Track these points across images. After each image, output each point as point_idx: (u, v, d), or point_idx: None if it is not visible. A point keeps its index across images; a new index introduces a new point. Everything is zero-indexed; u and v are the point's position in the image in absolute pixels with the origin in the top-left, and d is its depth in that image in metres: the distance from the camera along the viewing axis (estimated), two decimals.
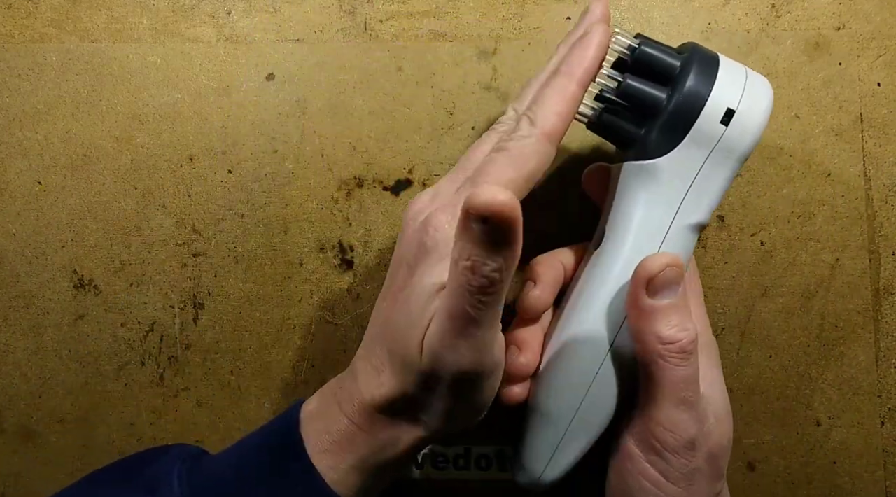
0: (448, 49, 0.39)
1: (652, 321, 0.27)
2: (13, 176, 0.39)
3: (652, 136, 0.29)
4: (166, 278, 0.39)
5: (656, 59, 0.29)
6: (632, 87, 0.29)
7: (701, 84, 0.28)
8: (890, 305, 0.38)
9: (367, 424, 0.28)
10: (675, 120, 0.28)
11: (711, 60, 0.29)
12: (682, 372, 0.27)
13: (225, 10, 0.40)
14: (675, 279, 0.27)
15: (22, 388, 0.39)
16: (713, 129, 0.28)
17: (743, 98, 0.28)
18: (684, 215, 0.29)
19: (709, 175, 0.29)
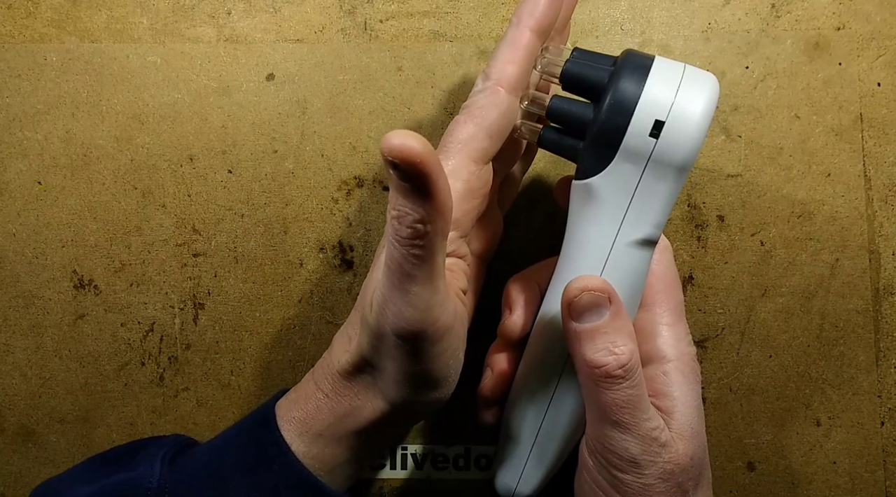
0: (448, 49, 0.39)
1: (578, 345, 0.27)
2: (13, 176, 0.39)
3: (585, 155, 0.28)
4: (166, 278, 0.39)
5: (584, 74, 0.28)
6: (556, 106, 0.28)
7: (626, 97, 0.27)
8: (890, 305, 0.38)
9: (332, 391, 0.29)
10: (602, 138, 0.27)
11: (641, 68, 0.27)
12: (614, 396, 0.27)
13: (225, 10, 0.40)
14: (595, 302, 0.27)
15: (22, 387, 0.39)
16: (643, 144, 0.27)
17: (674, 107, 0.26)
18: (627, 233, 0.28)
19: (648, 190, 0.27)
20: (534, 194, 0.39)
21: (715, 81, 0.28)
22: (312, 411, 0.29)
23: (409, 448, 0.39)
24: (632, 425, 0.27)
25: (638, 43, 0.39)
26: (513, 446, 0.32)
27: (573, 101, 0.28)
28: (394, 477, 0.39)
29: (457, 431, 0.39)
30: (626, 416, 0.27)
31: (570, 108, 0.28)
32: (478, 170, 0.29)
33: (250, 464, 0.29)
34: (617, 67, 0.28)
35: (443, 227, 0.24)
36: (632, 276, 0.29)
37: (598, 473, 0.29)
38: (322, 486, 0.29)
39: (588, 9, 0.39)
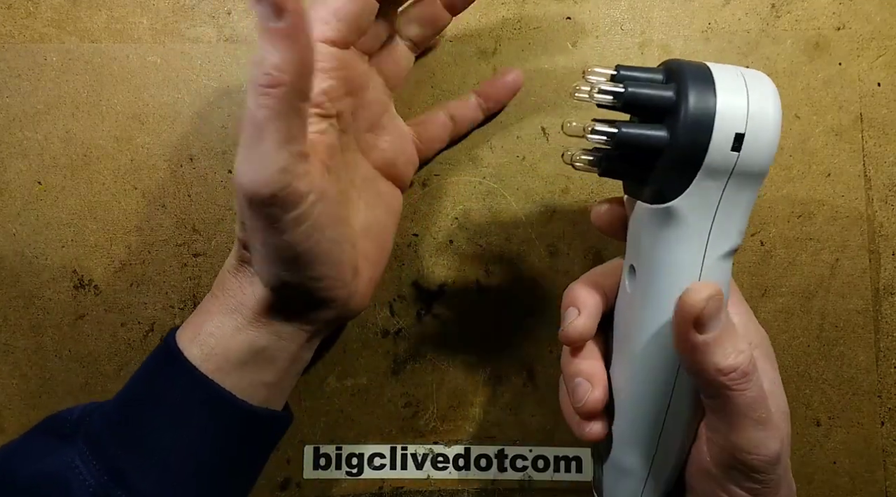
0: (448, 49, 0.39)
1: (708, 356, 0.26)
2: (13, 176, 0.39)
3: (661, 180, 0.27)
4: (166, 278, 0.39)
5: (650, 96, 0.26)
6: (627, 136, 0.26)
7: (702, 114, 0.25)
8: (890, 305, 0.38)
9: (219, 289, 0.31)
10: (682, 160, 0.26)
11: (705, 80, 0.26)
12: (751, 394, 0.26)
13: (225, 10, 0.40)
14: (720, 307, 0.26)
15: (22, 388, 0.39)
16: (726, 159, 0.26)
17: (750, 115, 0.25)
18: (714, 248, 0.27)
19: (731, 202, 0.26)
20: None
21: (771, 81, 0.27)
22: (204, 315, 0.31)
23: (410, 448, 0.39)
24: (770, 419, 0.27)
25: (638, 43, 0.39)
26: (623, 483, 0.30)
27: (642, 126, 0.26)
28: (394, 477, 0.39)
29: (457, 432, 0.39)
30: (762, 411, 0.26)
31: (642, 134, 0.26)
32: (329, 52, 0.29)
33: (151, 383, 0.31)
34: (680, 82, 0.26)
35: (301, 84, 0.25)
36: (723, 287, 0.28)
37: (735, 486, 0.28)
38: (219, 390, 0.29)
39: (588, 8, 0.39)
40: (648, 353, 0.29)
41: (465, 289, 0.39)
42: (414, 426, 0.39)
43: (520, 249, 0.39)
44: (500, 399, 0.39)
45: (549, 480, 0.39)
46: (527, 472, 0.39)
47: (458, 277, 0.39)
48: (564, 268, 0.39)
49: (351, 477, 0.39)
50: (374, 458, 0.39)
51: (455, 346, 0.39)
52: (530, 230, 0.39)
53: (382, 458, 0.39)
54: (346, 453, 0.39)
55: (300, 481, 0.39)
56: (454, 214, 0.39)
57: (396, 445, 0.39)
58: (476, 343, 0.39)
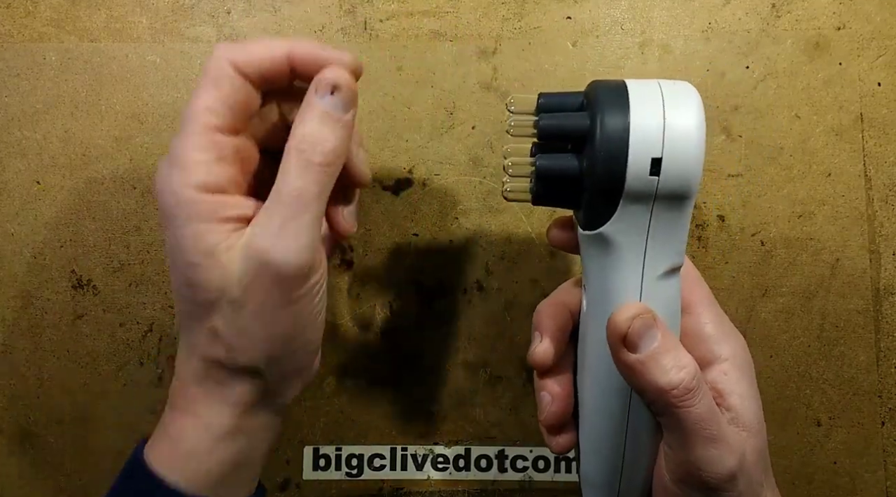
0: (448, 49, 0.39)
1: (645, 374, 0.26)
2: (12, 176, 0.39)
3: (587, 207, 0.27)
4: (165, 278, 0.39)
5: (563, 126, 0.26)
6: (544, 167, 0.26)
7: (614, 141, 0.25)
8: (890, 305, 0.38)
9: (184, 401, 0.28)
10: (601, 188, 0.25)
11: (619, 103, 0.25)
12: (698, 410, 0.26)
13: (225, 9, 0.39)
14: (646, 325, 0.26)
15: (20, 388, 0.39)
16: (646, 185, 0.25)
17: (666, 137, 0.25)
18: (652, 269, 0.27)
19: (662, 224, 0.26)
20: None
21: (694, 90, 0.26)
22: (175, 433, 0.28)
23: (409, 449, 0.39)
24: (722, 435, 0.26)
25: (638, 42, 0.39)
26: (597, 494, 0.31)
27: (560, 157, 0.26)
28: (394, 478, 0.39)
29: (457, 432, 0.39)
30: (713, 427, 0.26)
31: (557, 166, 0.26)
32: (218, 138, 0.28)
33: None
34: (593, 108, 0.26)
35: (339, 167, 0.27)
36: (667, 306, 0.28)
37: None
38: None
39: (588, 8, 0.39)
40: (603, 371, 0.29)
41: (465, 289, 0.39)
42: (414, 426, 0.39)
43: (520, 249, 0.39)
44: (500, 399, 0.39)
45: (550, 481, 0.38)
46: (527, 473, 0.38)
47: (458, 277, 0.39)
48: (564, 268, 0.39)
49: (351, 478, 0.38)
50: (374, 458, 0.39)
51: (455, 346, 0.39)
52: (530, 230, 0.39)
53: (382, 458, 0.39)
54: (346, 454, 0.39)
55: (300, 482, 0.38)
56: (454, 214, 0.39)
57: (396, 446, 0.39)
58: (476, 343, 0.39)
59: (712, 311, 0.31)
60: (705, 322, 0.30)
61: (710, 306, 0.31)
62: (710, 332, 0.30)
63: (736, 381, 0.29)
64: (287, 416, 0.38)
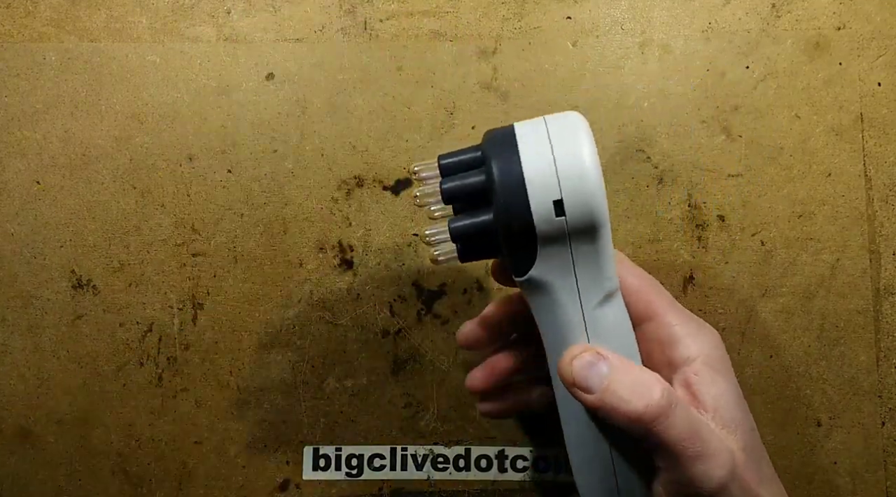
0: (448, 49, 0.39)
1: (608, 409, 0.26)
2: (12, 176, 0.39)
3: (510, 256, 0.27)
4: (165, 278, 0.39)
5: (462, 188, 0.27)
6: (457, 228, 0.27)
7: (513, 194, 0.25)
8: (890, 305, 0.38)
9: None
10: (515, 238, 0.26)
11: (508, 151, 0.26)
12: (675, 431, 0.26)
13: (224, 9, 0.39)
14: (591, 361, 0.27)
15: (20, 388, 0.39)
16: (556, 226, 0.26)
17: (561, 177, 0.25)
18: (589, 299, 0.28)
19: (585, 256, 0.27)
20: None
21: (580, 120, 0.27)
22: None
23: (409, 449, 0.39)
24: (706, 450, 0.26)
25: (638, 42, 0.39)
26: None
27: (468, 216, 0.27)
28: (394, 478, 0.39)
29: (457, 432, 0.39)
30: (696, 444, 0.26)
31: (469, 224, 0.27)
32: None
33: None
34: (487, 163, 0.26)
35: None
36: (618, 329, 0.28)
37: None
38: None
39: (588, 8, 0.39)
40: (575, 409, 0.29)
41: (465, 289, 0.39)
42: (414, 427, 0.39)
43: None
44: None
45: (551, 481, 0.38)
46: (527, 473, 0.38)
47: (458, 277, 0.39)
48: None
49: (350, 478, 0.38)
50: (374, 458, 0.39)
51: (455, 346, 0.39)
52: None
53: (382, 458, 0.39)
54: (346, 454, 0.39)
55: (299, 482, 0.38)
56: None
57: (396, 446, 0.39)
58: None
59: (675, 312, 0.30)
60: (670, 324, 0.30)
61: (671, 308, 0.31)
62: (676, 334, 0.30)
63: (710, 381, 0.29)
64: (287, 416, 0.39)
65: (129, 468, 0.39)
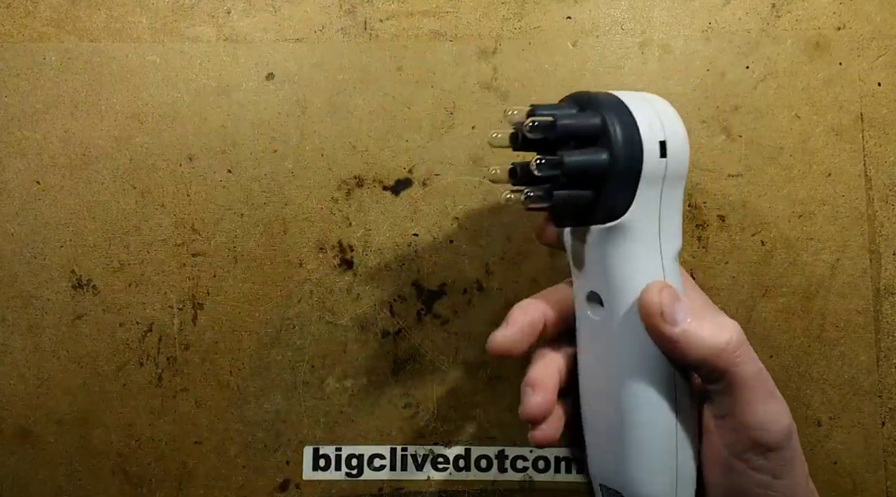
0: (448, 49, 0.39)
1: (692, 342, 0.26)
2: (11, 176, 0.39)
3: (609, 198, 0.28)
4: (165, 278, 0.39)
5: (579, 124, 0.28)
6: (574, 163, 0.27)
7: (628, 131, 0.27)
8: (891, 305, 0.38)
9: None
10: (623, 176, 0.27)
11: (615, 102, 0.28)
12: (751, 367, 0.26)
13: (224, 9, 0.39)
14: (678, 297, 0.27)
15: (20, 388, 0.39)
16: (657, 166, 0.28)
17: (663, 123, 0.28)
18: (666, 251, 0.29)
19: (668, 206, 0.28)
20: None
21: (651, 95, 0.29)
22: None
23: (409, 449, 0.39)
24: (776, 393, 0.27)
25: (638, 42, 0.39)
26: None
27: (583, 152, 0.28)
28: (394, 478, 0.39)
29: (457, 432, 0.39)
30: (768, 383, 0.27)
31: (586, 159, 0.27)
32: None
33: None
34: (599, 108, 0.28)
35: None
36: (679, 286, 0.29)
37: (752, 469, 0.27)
38: None
39: (588, 8, 0.39)
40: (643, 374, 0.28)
41: (465, 289, 0.39)
42: (414, 427, 0.39)
43: (520, 249, 0.39)
44: (500, 399, 0.39)
45: (550, 481, 0.38)
46: (527, 473, 0.38)
47: (458, 277, 0.39)
48: (564, 268, 0.39)
49: (350, 478, 0.38)
50: (374, 458, 0.39)
51: (455, 346, 0.39)
52: (530, 230, 0.39)
53: (382, 458, 0.39)
54: (346, 454, 0.39)
55: (299, 482, 0.38)
56: (454, 214, 0.39)
57: (396, 446, 0.39)
58: (476, 343, 0.39)
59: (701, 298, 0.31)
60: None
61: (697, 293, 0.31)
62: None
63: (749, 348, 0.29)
64: (287, 416, 0.39)
65: (129, 468, 0.39)
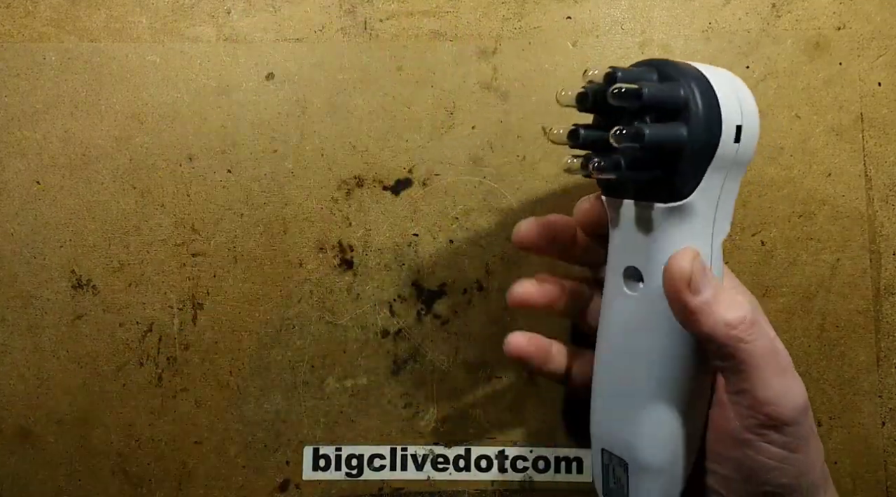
0: (448, 49, 0.39)
1: (713, 314, 0.27)
2: (11, 176, 0.39)
3: (679, 177, 0.27)
4: (165, 278, 0.39)
5: (666, 96, 0.27)
6: (655, 137, 0.26)
7: (711, 111, 0.27)
8: (891, 305, 0.38)
9: None
10: (699, 156, 0.27)
11: (700, 78, 0.27)
12: (763, 343, 0.27)
13: (224, 9, 0.39)
14: (705, 269, 0.27)
15: (20, 388, 0.39)
16: (729, 151, 0.27)
17: (742, 107, 0.27)
18: (717, 236, 0.29)
19: (727, 191, 0.28)
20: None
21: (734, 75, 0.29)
22: None
23: (410, 449, 0.39)
24: (790, 369, 0.27)
25: (638, 42, 0.39)
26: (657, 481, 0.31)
27: (665, 126, 0.27)
28: (393, 478, 0.39)
29: (457, 432, 0.39)
30: (782, 359, 0.27)
31: (667, 133, 0.27)
32: None
33: None
34: (682, 81, 0.27)
35: None
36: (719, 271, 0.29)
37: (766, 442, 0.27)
38: None
39: (588, 8, 0.39)
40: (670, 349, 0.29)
41: (465, 289, 0.39)
42: (414, 427, 0.39)
43: None
44: (500, 399, 0.39)
45: (550, 481, 0.38)
46: (527, 473, 0.38)
47: (458, 277, 0.39)
48: (564, 269, 0.39)
49: (350, 478, 0.38)
50: (374, 458, 0.39)
51: (455, 346, 0.39)
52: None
53: (382, 458, 0.39)
54: (346, 454, 0.39)
55: (299, 482, 0.38)
56: (454, 214, 0.39)
57: (396, 446, 0.39)
58: (476, 343, 0.39)
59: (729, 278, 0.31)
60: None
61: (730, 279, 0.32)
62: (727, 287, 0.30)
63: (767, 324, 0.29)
64: (287, 416, 0.39)
65: (129, 468, 0.39)
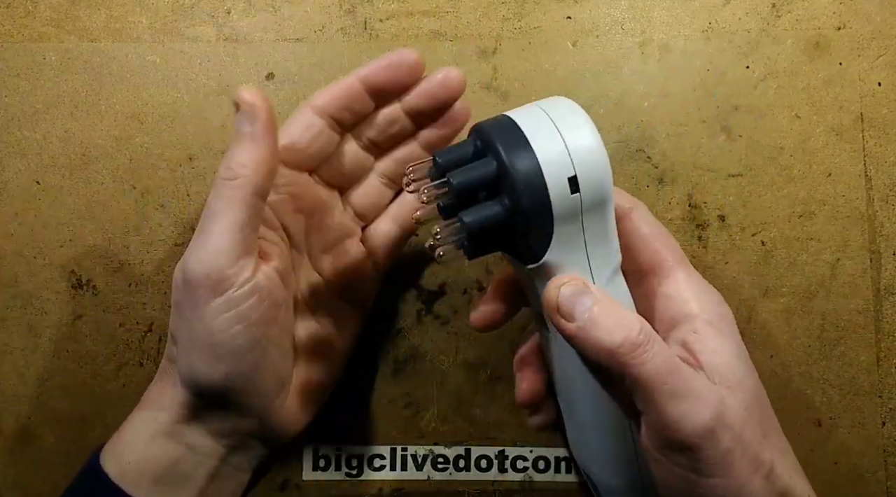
0: (448, 49, 0.39)
1: (588, 340, 0.26)
2: (11, 176, 0.39)
3: (524, 244, 0.27)
4: (165, 278, 0.39)
5: (473, 178, 0.26)
6: (474, 224, 0.26)
7: (528, 175, 0.25)
8: (891, 305, 0.38)
9: (144, 396, 0.32)
10: (532, 223, 0.26)
11: (516, 137, 0.26)
12: (653, 366, 0.25)
13: (224, 9, 0.39)
14: (577, 288, 0.26)
15: (19, 388, 0.39)
16: (570, 203, 0.26)
17: (572, 154, 0.26)
18: (599, 276, 0.28)
19: (595, 233, 0.27)
20: None
21: (573, 102, 0.27)
22: (125, 424, 0.31)
23: (410, 449, 0.39)
24: (688, 389, 0.25)
25: (638, 42, 0.39)
26: None
27: (483, 207, 0.26)
28: (394, 478, 0.39)
29: (457, 432, 0.39)
30: (674, 381, 0.25)
31: (485, 216, 0.26)
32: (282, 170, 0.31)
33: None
34: (494, 150, 0.26)
35: (258, 181, 0.28)
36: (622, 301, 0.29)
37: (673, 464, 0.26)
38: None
39: (588, 8, 0.39)
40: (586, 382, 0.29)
41: (465, 289, 0.39)
42: (414, 427, 0.39)
43: None
44: (500, 399, 0.39)
45: (551, 481, 0.38)
46: (528, 473, 0.38)
47: (458, 277, 0.39)
48: None
49: (350, 478, 0.38)
50: (374, 459, 0.39)
51: (455, 346, 0.39)
52: None
53: (382, 459, 0.39)
54: (346, 454, 0.39)
55: (299, 483, 0.38)
56: None
57: (396, 446, 0.39)
58: (476, 343, 0.39)
59: (682, 268, 0.30)
60: (675, 280, 0.29)
61: (679, 264, 0.30)
62: (682, 291, 0.29)
63: (709, 337, 0.28)
64: None
65: None
